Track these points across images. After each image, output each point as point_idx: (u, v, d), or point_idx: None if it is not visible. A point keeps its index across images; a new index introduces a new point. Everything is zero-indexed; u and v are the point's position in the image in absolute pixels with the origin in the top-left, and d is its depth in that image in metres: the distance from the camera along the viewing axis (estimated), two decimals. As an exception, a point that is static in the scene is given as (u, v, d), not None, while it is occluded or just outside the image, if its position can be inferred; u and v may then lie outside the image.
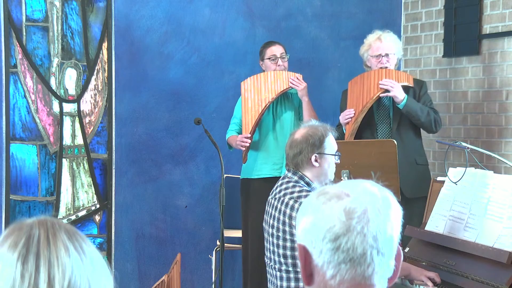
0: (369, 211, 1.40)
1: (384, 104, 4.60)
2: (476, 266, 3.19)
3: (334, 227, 1.39)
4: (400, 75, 4.53)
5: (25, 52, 4.79)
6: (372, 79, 4.52)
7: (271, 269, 3.29)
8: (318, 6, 5.56)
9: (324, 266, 1.39)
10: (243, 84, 4.75)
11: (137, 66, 5.10)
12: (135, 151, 5.11)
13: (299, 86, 4.67)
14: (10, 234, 1.23)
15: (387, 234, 1.41)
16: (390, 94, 4.44)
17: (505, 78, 4.93)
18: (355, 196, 1.42)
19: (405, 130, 4.53)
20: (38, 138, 4.83)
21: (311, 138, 3.25)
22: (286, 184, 3.28)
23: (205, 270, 5.25)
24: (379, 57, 4.55)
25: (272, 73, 4.72)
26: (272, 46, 4.81)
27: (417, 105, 4.45)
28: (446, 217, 3.49)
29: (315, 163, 3.25)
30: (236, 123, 4.80)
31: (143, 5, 5.10)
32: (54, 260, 1.19)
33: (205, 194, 5.28)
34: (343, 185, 1.46)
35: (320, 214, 1.41)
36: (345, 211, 1.39)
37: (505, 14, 4.92)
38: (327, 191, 1.44)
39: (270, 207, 3.32)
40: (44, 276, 1.17)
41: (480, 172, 3.45)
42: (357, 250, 1.38)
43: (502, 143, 4.94)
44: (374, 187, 1.46)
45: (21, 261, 1.18)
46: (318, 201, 1.43)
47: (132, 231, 5.13)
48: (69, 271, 1.19)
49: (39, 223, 1.23)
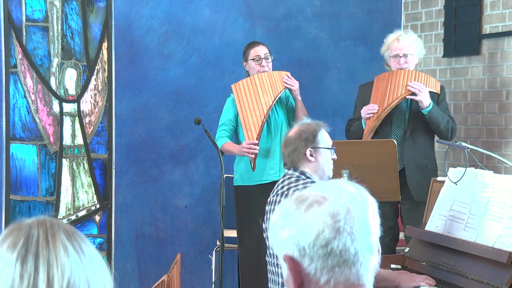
0: (352, 210, 1.40)
1: (401, 106, 4.56)
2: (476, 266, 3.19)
3: (323, 232, 1.37)
4: (429, 80, 4.48)
5: (25, 52, 4.79)
6: (401, 79, 4.46)
7: (272, 266, 3.28)
8: (318, 6, 5.56)
9: (317, 273, 1.38)
10: (235, 87, 4.64)
11: (137, 66, 5.10)
12: (135, 151, 5.11)
13: (294, 85, 4.60)
14: (9, 234, 1.23)
15: (371, 229, 1.41)
16: (417, 98, 4.39)
17: (505, 78, 4.93)
18: (333, 198, 1.41)
19: (419, 134, 4.50)
20: (38, 138, 4.83)
21: (304, 134, 3.27)
22: (288, 180, 3.28)
23: (205, 270, 5.25)
24: (397, 57, 4.52)
25: (266, 75, 4.61)
26: (255, 46, 4.71)
27: (440, 112, 4.42)
28: (446, 217, 3.49)
29: (311, 158, 3.26)
30: (227, 129, 4.65)
31: (143, 5, 5.10)
32: (53, 261, 1.19)
33: (205, 194, 5.28)
34: (317, 189, 1.45)
35: (304, 222, 1.39)
36: (330, 214, 1.38)
37: (505, 14, 4.92)
38: (304, 197, 1.42)
39: (272, 204, 3.31)
40: (43, 277, 1.17)
41: (480, 172, 3.45)
42: (350, 251, 1.38)
43: (502, 143, 4.94)
44: (348, 185, 1.45)
45: (20, 262, 1.18)
46: (298, 209, 1.41)
47: (132, 231, 5.13)
48: (68, 271, 1.19)
49: (38, 223, 1.23)
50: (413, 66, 4.56)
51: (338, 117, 5.56)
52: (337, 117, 5.55)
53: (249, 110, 4.59)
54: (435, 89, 4.49)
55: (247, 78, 4.65)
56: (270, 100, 4.58)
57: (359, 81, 5.66)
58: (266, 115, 4.58)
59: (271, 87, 4.60)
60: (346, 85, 5.62)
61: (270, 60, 4.70)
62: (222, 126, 4.68)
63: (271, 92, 4.59)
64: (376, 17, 5.69)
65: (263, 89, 4.60)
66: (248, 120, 4.58)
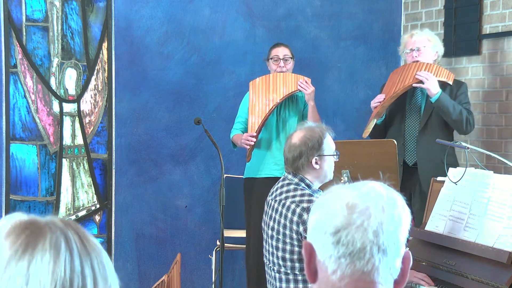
0: (372, 208, 1.41)
1: (417, 99, 4.58)
2: (476, 266, 3.19)
3: (335, 220, 1.41)
4: (440, 71, 4.47)
5: (25, 52, 4.79)
6: (412, 70, 4.48)
7: (270, 270, 3.28)
8: (318, 6, 5.56)
9: (326, 260, 1.41)
10: (252, 84, 4.74)
11: (137, 66, 5.10)
12: (135, 151, 5.11)
13: (307, 89, 4.63)
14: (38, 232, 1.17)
15: (390, 232, 1.41)
16: (424, 86, 4.39)
17: (505, 78, 4.93)
18: (360, 193, 1.44)
19: (434, 128, 4.48)
20: (38, 138, 4.83)
21: (310, 142, 3.23)
22: (287, 186, 3.27)
23: (205, 270, 5.25)
24: (411, 51, 4.56)
25: (281, 75, 4.70)
26: (277, 47, 4.81)
27: (450, 101, 4.39)
28: (446, 217, 3.49)
29: (316, 166, 3.24)
30: (241, 122, 4.78)
31: (143, 5, 5.10)
32: (95, 265, 1.18)
33: (205, 194, 5.28)
34: (352, 185, 1.49)
35: (325, 209, 1.44)
36: (347, 205, 1.42)
37: (505, 14, 4.92)
38: (336, 190, 1.47)
39: (270, 208, 3.31)
40: (90, 279, 1.17)
41: (480, 172, 3.45)
42: (356, 244, 1.39)
43: (502, 143, 4.94)
44: (382, 187, 1.48)
45: (69, 260, 1.16)
46: (325, 198, 1.46)
47: (132, 231, 5.13)
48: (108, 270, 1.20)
49: (66, 226, 1.21)
50: (429, 59, 4.55)
51: (338, 117, 5.56)
52: (337, 117, 5.55)
53: (257, 105, 4.69)
54: (447, 78, 4.46)
55: (264, 76, 4.72)
56: (278, 97, 4.65)
57: (359, 81, 5.67)
58: (271, 110, 4.66)
59: (283, 86, 4.67)
60: (346, 85, 5.62)
61: (289, 62, 4.78)
62: (237, 119, 4.82)
63: (282, 91, 4.66)
64: (376, 17, 5.69)
65: (274, 87, 4.68)
66: (254, 114, 4.68)
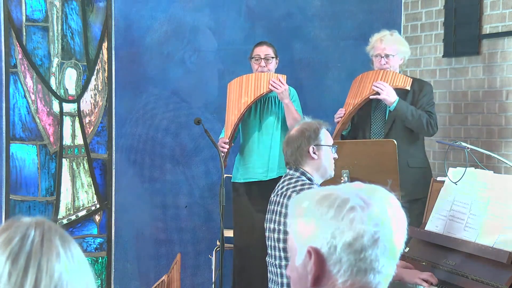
0: (392, 222, 1.41)
1: (381, 105, 4.61)
2: (476, 266, 3.19)
3: (362, 238, 1.37)
4: (396, 78, 4.50)
5: (25, 52, 4.79)
6: (369, 79, 4.52)
7: (273, 267, 3.30)
8: (318, 6, 5.56)
9: (339, 273, 1.38)
10: (229, 85, 4.69)
11: (137, 66, 5.10)
12: (135, 151, 5.11)
13: (278, 88, 4.53)
14: (6, 229, 1.21)
15: (400, 244, 1.43)
16: (380, 96, 4.44)
17: (505, 78, 4.93)
18: (378, 205, 1.41)
19: (398, 132, 4.51)
20: (38, 138, 4.83)
21: (307, 131, 3.31)
22: (288, 180, 3.32)
23: (205, 270, 5.25)
24: (379, 57, 4.57)
25: (254, 75, 4.63)
26: (260, 46, 4.75)
27: (409, 108, 4.44)
28: (446, 217, 3.49)
29: (314, 155, 3.29)
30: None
31: (143, 5, 5.10)
32: (44, 264, 1.17)
33: (205, 194, 5.28)
34: (360, 190, 1.43)
35: (344, 223, 1.38)
36: (373, 223, 1.38)
37: (505, 14, 4.92)
38: (345, 198, 1.40)
39: (273, 204, 3.35)
40: (31, 279, 1.16)
41: (480, 172, 3.45)
42: (380, 262, 1.39)
43: (502, 143, 4.94)
44: (389, 195, 1.46)
45: (11, 260, 1.16)
46: (339, 208, 1.40)
47: (132, 231, 5.13)
48: (56, 277, 1.17)
49: (36, 224, 1.22)
50: (396, 67, 4.58)
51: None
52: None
53: (231, 108, 4.64)
54: (403, 85, 4.50)
55: (241, 76, 4.67)
56: (249, 100, 4.58)
57: (359, 81, 5.66)
58: (242, 115, 4.60)
59: (255, 88, 4.59)
60: (346, 85, 5.60)
61: (271, 61, 4.69)
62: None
63: (253, 93, 4.59)
64: (376, 17, 5.69)
65: (246, 89, 4.60)
66: (228, 118, 4.65)
